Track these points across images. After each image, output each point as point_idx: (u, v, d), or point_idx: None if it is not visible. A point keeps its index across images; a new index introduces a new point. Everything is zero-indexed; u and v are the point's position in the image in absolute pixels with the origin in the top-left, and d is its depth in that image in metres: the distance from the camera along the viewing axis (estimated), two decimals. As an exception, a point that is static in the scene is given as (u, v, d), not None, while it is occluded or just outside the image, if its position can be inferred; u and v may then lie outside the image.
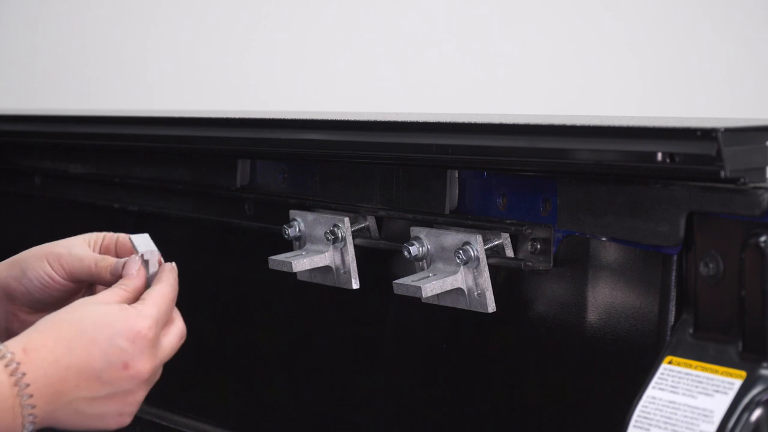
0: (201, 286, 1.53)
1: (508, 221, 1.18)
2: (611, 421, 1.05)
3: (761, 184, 0.99)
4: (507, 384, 1.22)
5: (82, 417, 1.01)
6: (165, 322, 1.06)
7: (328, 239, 1.29)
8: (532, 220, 1.16)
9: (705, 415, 0.98)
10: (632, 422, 1.02)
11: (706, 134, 0.96)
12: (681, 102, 2.84)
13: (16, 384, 0.97)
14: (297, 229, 1.33)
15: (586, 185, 1.10)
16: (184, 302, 1.55)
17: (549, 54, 2.77)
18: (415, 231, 1.22)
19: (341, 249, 1.29)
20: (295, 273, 1.32)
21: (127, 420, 1.03)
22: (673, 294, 1.06)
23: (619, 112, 2.61)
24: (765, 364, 0.98)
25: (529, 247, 1.17)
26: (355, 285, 1.29)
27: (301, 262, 1.29)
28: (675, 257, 1.06)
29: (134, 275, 1.08)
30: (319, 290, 1.34)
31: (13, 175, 1.72)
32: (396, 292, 1.20)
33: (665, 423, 1.00)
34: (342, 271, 1.30)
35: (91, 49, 2.89)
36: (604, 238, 1.11)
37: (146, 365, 1.02)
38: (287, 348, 1.43)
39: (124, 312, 1.03)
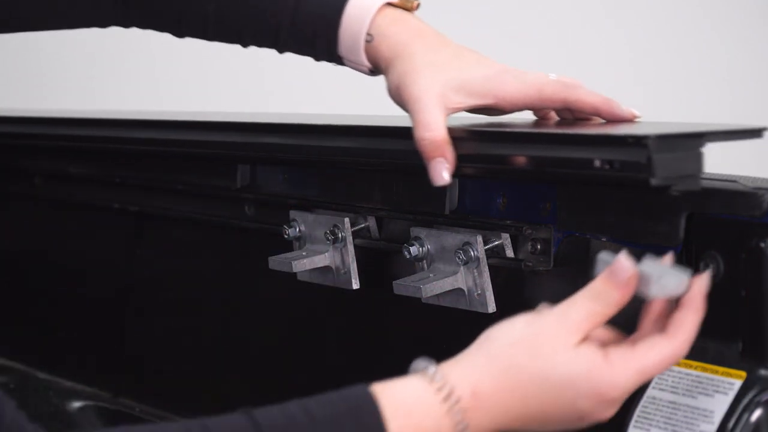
0: (201, 286, 1.53)
1: (508, 221, 1.18)
2: (611, 421, 1.05)
3: (762, 185, 0.99)
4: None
5: None
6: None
7: (328, 239, 1.29)
8: (532, 221, 1.16)
9: (705, 416, 0.98)
10: (632, 422, 1.02)
11: (637, 141, 0.95)
12: (681, 102, 2.83)
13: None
14: (297, 230, 1.33)
15: (586, 186, 1.11)
16: (184, 303, 1.55)
17: (548, 54, 2.77)
18: (415, 231, 1.22)
19: (341, 249, 1.29)
20: (296, 273, 1.32)
21: None
22: (673, 294, 1.06)
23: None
24: (765, 365, 0.98)
25: (529, 247, 1.17)
26: (355, 285, 1.29)
27: (302, 263, 1.29)
28: (675, 257, 1.06)
29: (620, 285, 0.92)
30: (319, 290, 1.34)
31: (13, 176, 1.72)
32: (396, 292, 1.20)
33: (665, 423, 1.00)
34: (342, 271, 1.30)
35: (90, 48, 2.89)
36: (604, 238, 1.11)
37: (602, 417, 0.92)
38: (287, 348, 1.43)
39: (595, 373, 0.89)
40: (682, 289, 0.93)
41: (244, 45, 1.21)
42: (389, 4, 1.13)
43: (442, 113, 1.08)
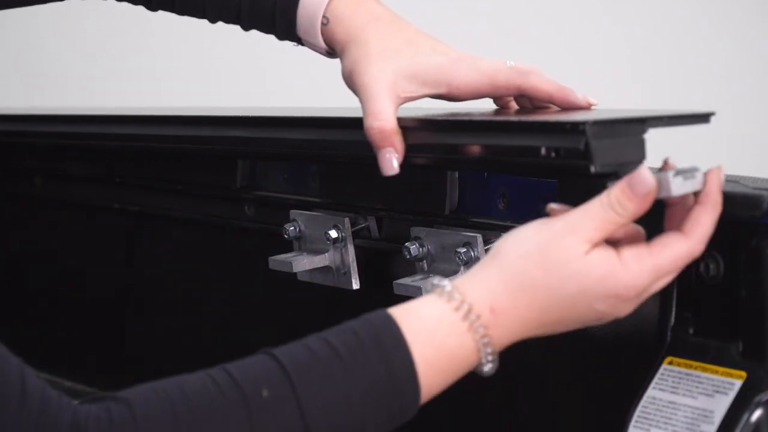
0: (201, 286, 1.53)
1: (508, 221, 1.18)
2: (611, 422, 1.05)
3: (762, 185, 0.99)
4: (506, 384, 1.22)
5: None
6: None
7: (328, 239, 1.29)
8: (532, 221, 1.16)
9: (705, 416, 0.98)
10: (632, 423, 1.02)
11: (574, 127, 0.93)
12: (678, 100, 2.83)
13: (478, 350, 0.90)
14: (297, 230, 1.33)
15: (586, 185, 1.10)
16: (184, 303, 1.55)
17: (545, 51, 2.77)
18: (415, 231, 1.22)
19: (341, 249, 1.29)
20: (296, 273, 1.32)
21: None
22: (674, 294, 1.05)
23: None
24: (765, 365, 0.98)
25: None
26: (356, 285, 1.29)
27: (302, 263, 1.29)
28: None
29: (637, 197, 0.89)
30: (320, 290, 1.34)
31: (13, 176, 1.72)
32: (396, 292, 1.20)
33: (665, 423, 1.00)
34: (342, 271, 1.30)
35: (91, 47, 2.88)
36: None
37: (622, 314, 0.92)
38: (287, 348, 1.43)
39: (610, 278, 0.89)
40: (697, 184, 0.91)
41: (212, 20, 1.20)
42: None
43: (392, 102, 1.07)
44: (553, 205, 0.94)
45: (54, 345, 1.71)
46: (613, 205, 0.90)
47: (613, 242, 0.92)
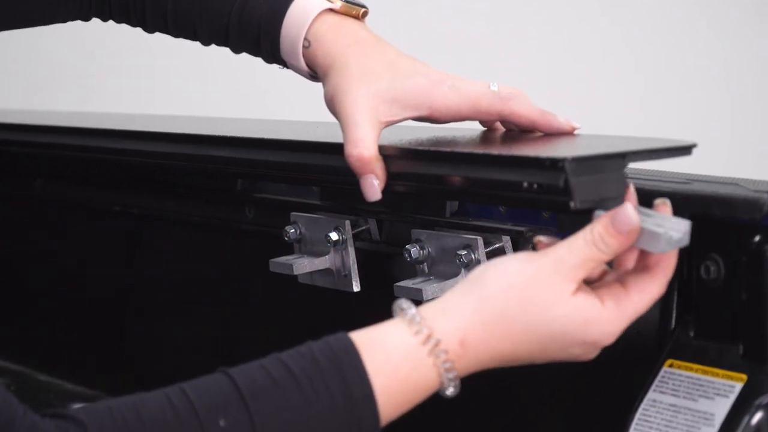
0: (202, 289, 1.53)
1: (508, 224, 1.18)
2: (612, 425, 1.06)
3: (762, 188, 0.99)
4: (506, 386, 1.22)
5: None
6: None
7: (328, 242, 1.29)
8: (532, 224, 1.16)
9: (706, 419, 0.98)
10: (633, 425, 1.02)
11: (554, 164, 0.93)
12: (677, 100, 2.84)
13: (441, 383, 0.91)
14: (298, 232, 1.33)
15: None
16: (184, 305, 1.55)
17: (542, 51, 2.77)
18: (416, 234, 1.22)
19: (342, 252, 1.29)
20: (296, 275, 1.32)
21: None
22: (674, 297, 1.06)
23: (618, 120, 2.59)
24: (766, 368, 0.98)
25: (530, 250, 1.17)
26: (356, 288, 1.29)
27: (302, 265, 1.29)
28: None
29: (621, 234, 0.90)
30: (320, 293, 1.34)
31: (15, 177, 1.72)
32: (397, 294, 1.19)
33: (666, 426, 1.00)
34: (343, 273, 1.30)
35: (90, 46, 2.88)
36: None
37: (589, 358, 0.93)
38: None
39: (592, 325, 0.90)
40: (686, 240, 0.92)
41: (204, 43, 1.20)
42: (331, 9, 1.11)
43: (373, 128, 1.06)
44: (541, 238, 0.94)
45: (54, 345, 1.71)
46: (596, 242, 0.91)
47: (589, 281, 0.93)
